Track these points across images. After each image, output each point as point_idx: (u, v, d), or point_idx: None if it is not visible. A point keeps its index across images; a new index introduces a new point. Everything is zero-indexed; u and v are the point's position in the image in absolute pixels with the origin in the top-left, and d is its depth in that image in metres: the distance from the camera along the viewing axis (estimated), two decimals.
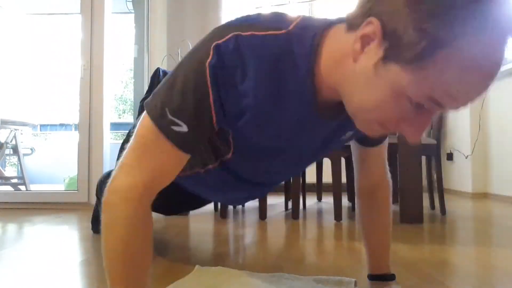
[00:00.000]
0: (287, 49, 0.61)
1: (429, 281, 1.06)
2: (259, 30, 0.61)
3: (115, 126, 6.50)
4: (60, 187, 4.20)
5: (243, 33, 0.60)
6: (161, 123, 0.62)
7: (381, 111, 0.55)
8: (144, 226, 0.65)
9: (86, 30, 2.89)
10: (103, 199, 0.64)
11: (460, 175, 3.48)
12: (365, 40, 0.53)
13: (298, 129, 0.71)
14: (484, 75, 0.48)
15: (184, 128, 0.61)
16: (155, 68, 2.10)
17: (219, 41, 0.60)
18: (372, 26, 0.51)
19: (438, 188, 2.33)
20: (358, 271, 1.16)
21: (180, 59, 0.67)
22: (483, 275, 1.12)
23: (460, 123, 3.47)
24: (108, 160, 2.96)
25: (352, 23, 0.57)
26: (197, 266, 1.15)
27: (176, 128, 0.61)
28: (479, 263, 1.23)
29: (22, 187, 3.43)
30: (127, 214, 0.63)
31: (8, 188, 3.47)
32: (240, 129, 0.69)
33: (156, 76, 2.06)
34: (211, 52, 0.60)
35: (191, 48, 0.65)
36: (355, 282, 1.02)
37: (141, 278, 0.66)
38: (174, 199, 1.19)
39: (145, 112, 0.65)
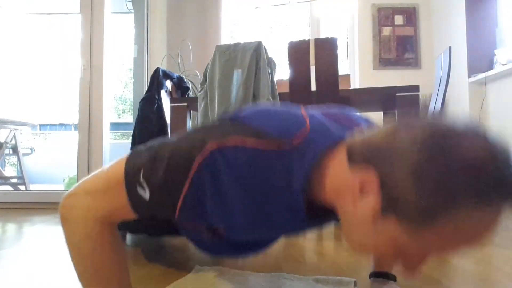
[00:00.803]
0: (286, 167, 0.59)
1: (430, 282, 1.06)
2: (263, 144, 0.59)
3: (115, 126, 6.51)
4: (60, 187, 4.19)
5: (246, 143, 0.59)
6: (130, 180, 0.62)
7: (378, 251, 0.56)
8: (108, 242, 0.65)
9: (86, 30, 2.89)
10: (61, 211, 0.65)
11: None
12: (364, 187, 0.52)
13: (285, 229, 0.72)
14: (482, 237, 0.49)
15: (146, 195, 0.61)
16: (155, 68, 2.10)
17: (220, 144, 0.58)
18: (370, 180, 0.51)
19: None
20: (358, 271, 1.16)
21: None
22: (485, 277, 1.12)
23: None
24: (108, 160, 2.95)
25: (353, 158, 0.55)
26: (196, 266, 1.15)
27: (140, 191, 0.61)
28: (480, 264, 1.23)
29: (22, 187, 3.42)
30: (87, 233, 0.63)
31: (8, 188, 3.47)
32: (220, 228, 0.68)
33: (156, 76, 2.06)
34: (207, 153, 0.58)
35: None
36: (355, 282, 1.02)
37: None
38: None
39: (126, 155, 0.65)
